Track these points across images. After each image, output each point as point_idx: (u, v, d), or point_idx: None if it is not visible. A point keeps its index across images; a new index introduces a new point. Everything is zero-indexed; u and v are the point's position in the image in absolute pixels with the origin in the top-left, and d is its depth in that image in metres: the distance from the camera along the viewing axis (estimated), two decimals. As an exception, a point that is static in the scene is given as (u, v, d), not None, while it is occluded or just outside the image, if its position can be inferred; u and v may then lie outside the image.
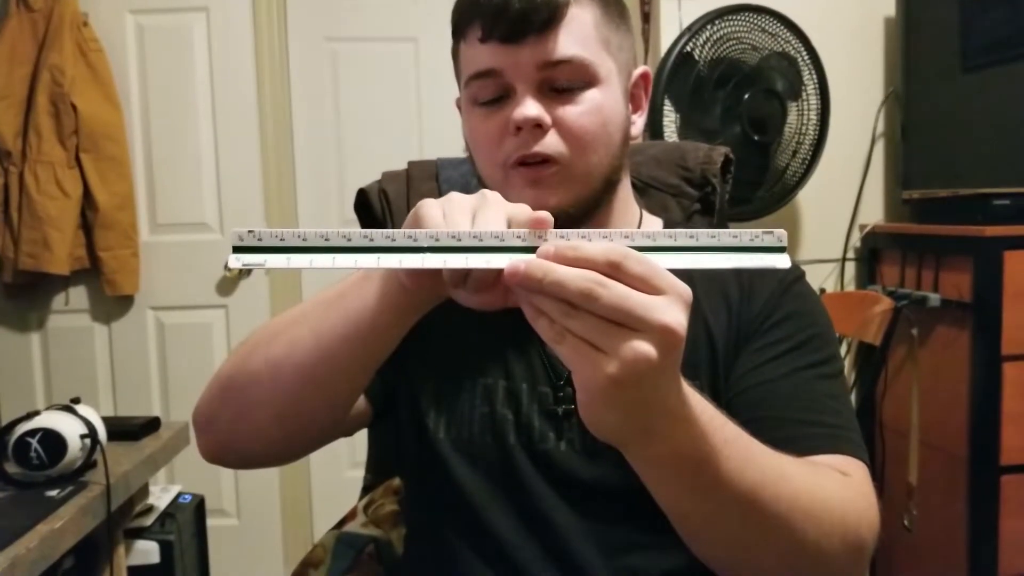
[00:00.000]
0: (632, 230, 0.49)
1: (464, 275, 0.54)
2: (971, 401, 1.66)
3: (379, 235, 0.50)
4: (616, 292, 0.45)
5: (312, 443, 0.73)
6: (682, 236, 0.49)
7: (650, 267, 0.46)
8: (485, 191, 0.57)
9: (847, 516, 0.61)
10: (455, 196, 0.56)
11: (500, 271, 0.48)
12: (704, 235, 0.49)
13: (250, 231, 0.49)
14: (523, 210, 0.53)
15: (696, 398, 0.54)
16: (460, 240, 0.50)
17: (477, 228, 0.52)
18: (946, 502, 1.74)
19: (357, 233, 0.50)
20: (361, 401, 0.78)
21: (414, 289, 0.58)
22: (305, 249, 0.50)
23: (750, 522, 0.57)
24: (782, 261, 0.49)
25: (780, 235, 0.49)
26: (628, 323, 0.45)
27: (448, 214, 0.54)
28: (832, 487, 0.62)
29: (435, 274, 0.54)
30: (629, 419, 0.49)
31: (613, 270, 0.45)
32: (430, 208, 0.54)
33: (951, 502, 1.72)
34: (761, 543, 0.59)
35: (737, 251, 0.49)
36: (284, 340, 0.67)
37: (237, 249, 0.49)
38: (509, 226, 0.52)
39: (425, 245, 0.50)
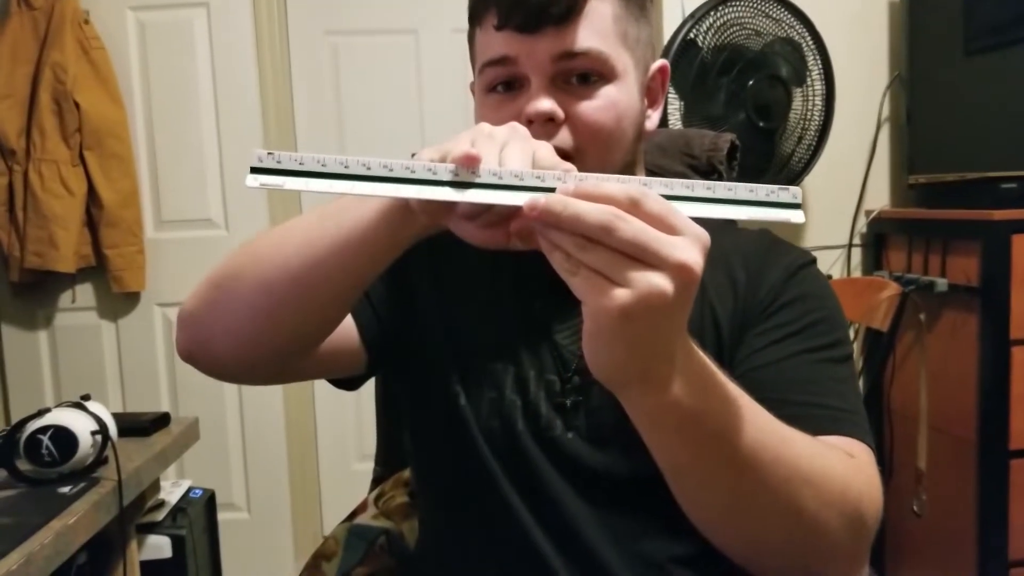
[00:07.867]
0: (650, 178, 0.50)
1: (482, 208, 0.54)
2: (980, 386, 1.66)
3: (399, 166, 0.50)
4: (635, 226, 0.45)
5: (285, 357, 0.71)
6: (700, 187, 0.50)
7: (669, 207, 0.46)
8: (515, 123, 0.57)
9: (848, 490, 0.61)
10: (484, 127, 0.56)
11: (518, 208, 0.48)
12: (721, 187, 0.50)
13: (269, 153, 0.50)
14: (548, 148, 0.54)
15: (699, 353, 0.54)
16: (479, 177, 0.50)
17: (503, 161, 0.52)
18: (955, 487, 1.74)
19: (376, 162, 0.50)
20: (355, 341, 0.77)
21: (420, 213, 0.57)
22: (324, 175, 0.50)
23: (747, 483, 0.57)
24: (796, 216, 0.50)
25: (795, 192, 0.50)
26: (645, 258, 0.45)
27: (476, 145, 0.54)
28: (834, 460, 0.62)
29: (446, 203, 0.54)
30: (632, 357, 0.49)
31: (632, 207, 0.46)
32: (459, 142, 0.54)
33: (960, 487, 1.72)
34: (758, 507, 0.58)
35: (753, 205, 0.50)
36: (276, 241, 0.67)
37: (255, 170, 0.50)
38: (534, 163, 0.52)
39: (445, 179, 0.50)
